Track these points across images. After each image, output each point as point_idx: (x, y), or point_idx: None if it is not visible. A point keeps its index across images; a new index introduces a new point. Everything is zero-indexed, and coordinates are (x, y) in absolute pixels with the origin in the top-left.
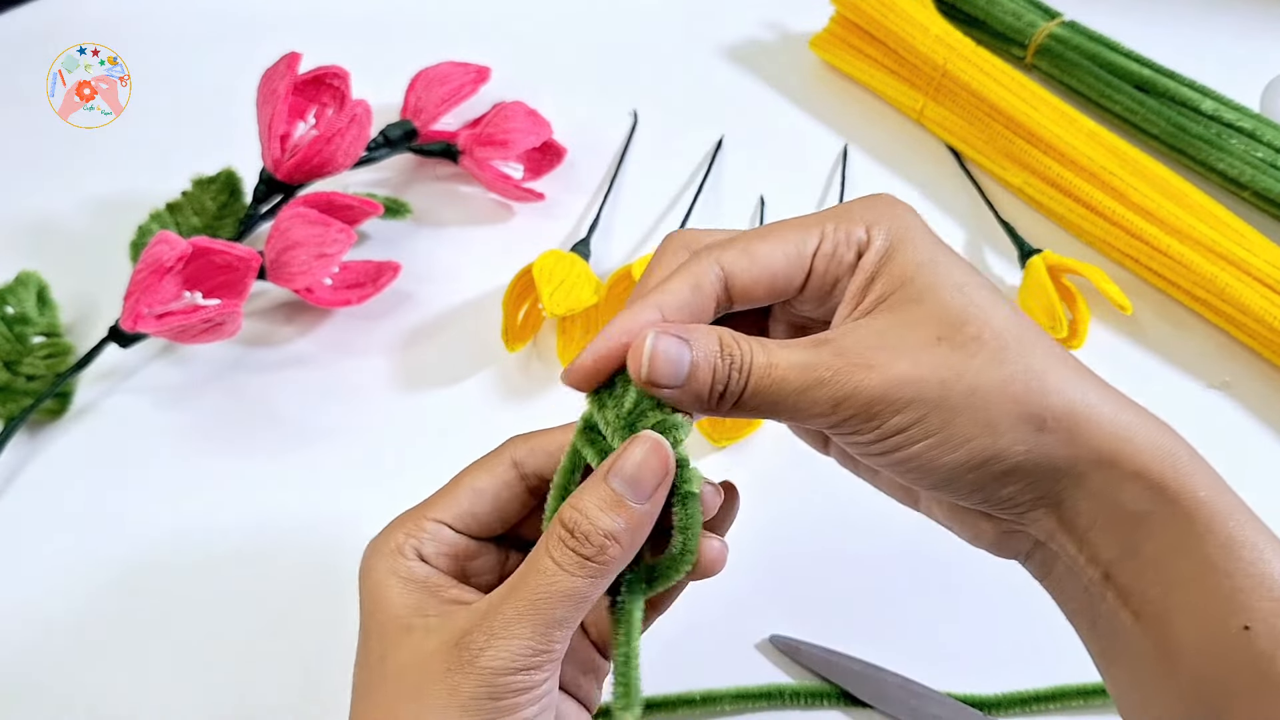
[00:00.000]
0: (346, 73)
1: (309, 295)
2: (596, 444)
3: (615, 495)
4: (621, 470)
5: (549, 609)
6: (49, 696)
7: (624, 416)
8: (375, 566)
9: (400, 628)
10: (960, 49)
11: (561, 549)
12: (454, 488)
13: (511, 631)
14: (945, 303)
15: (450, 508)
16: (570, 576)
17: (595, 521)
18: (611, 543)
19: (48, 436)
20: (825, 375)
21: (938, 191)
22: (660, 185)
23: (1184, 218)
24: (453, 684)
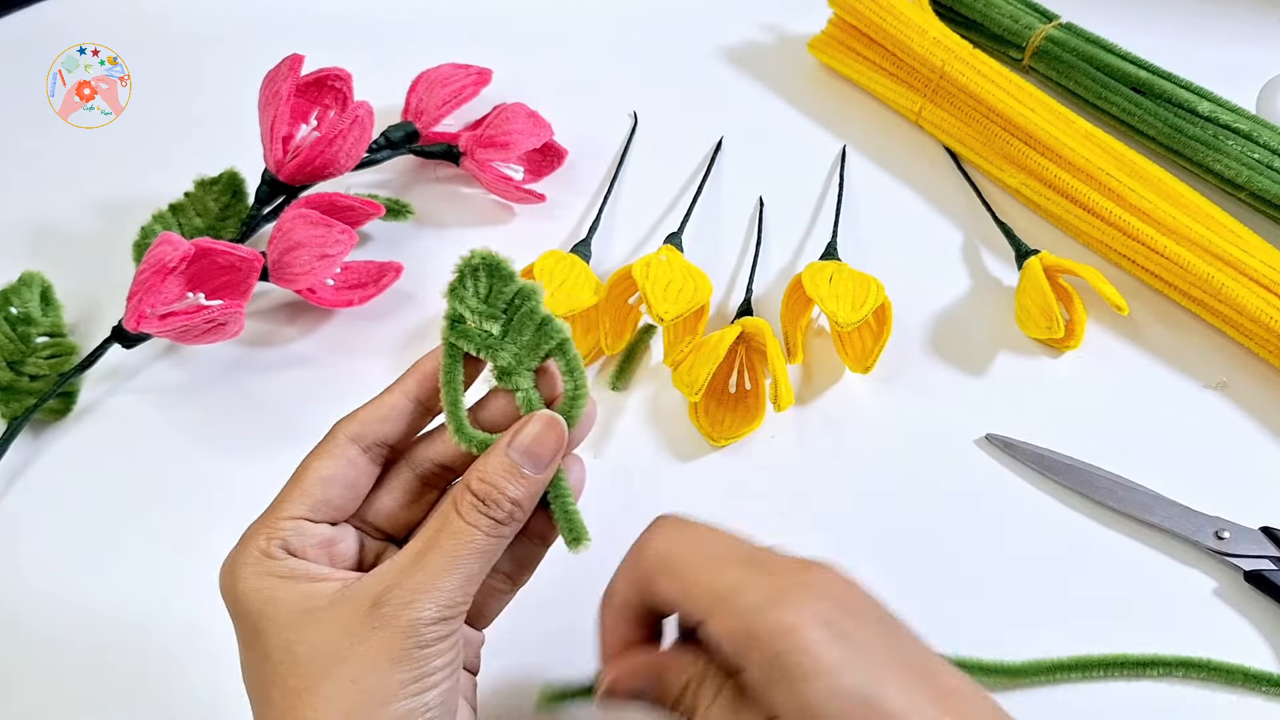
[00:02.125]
0: (348, 75)
1: (311, 296)
2: (469, 333)
3: (515, 465)
4: (520, 444)
5: (467, 564)
6: (47, 698)
7: (484, 299)
8: (244, 575)
9: (297, 616)
10: (957, 51)
11: (473, 512)
12: (299, 481)
13: (435, 585)
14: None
15: (302, 502)
16: (484, 536)
17: (503, 490)
18: (515, 506)
19: (51, 436)
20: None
21: (935, 192)
22: (660, 186)
23: (1181, 219)
24: (381, 640)
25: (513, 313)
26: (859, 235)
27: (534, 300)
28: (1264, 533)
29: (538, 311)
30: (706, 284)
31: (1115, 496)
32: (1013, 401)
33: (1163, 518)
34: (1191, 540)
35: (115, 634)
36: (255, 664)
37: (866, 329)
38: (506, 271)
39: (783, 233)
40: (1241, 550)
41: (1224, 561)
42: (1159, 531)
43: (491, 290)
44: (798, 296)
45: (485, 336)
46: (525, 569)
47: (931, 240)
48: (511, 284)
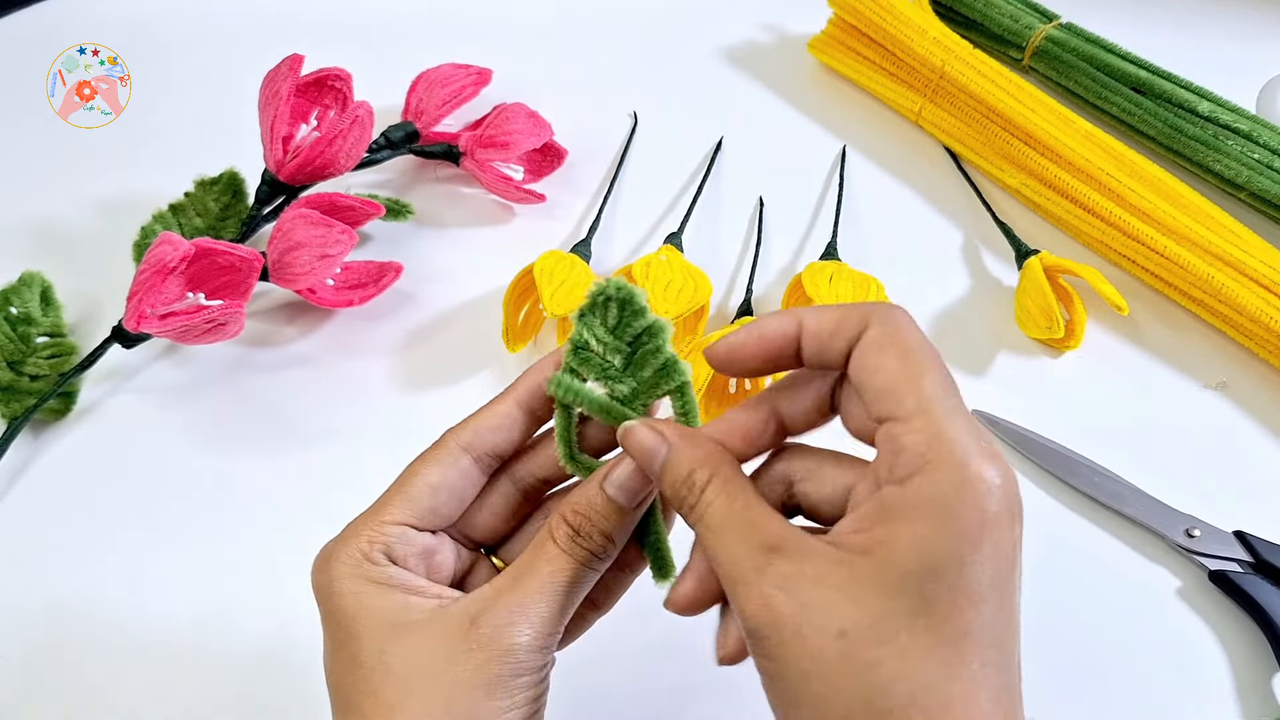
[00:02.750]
0: (348, 75)
1: (311, 296)
2: (590, 361)
3: (610, 499)
4: (615, 479)
5: (561, 592)
6: (49, 698)
7: (612, 330)
8: (341, 574)
9: (391, 627)
10: (958, 51)
11: (569, 543)
12: (406, 486)
13: (531, 610)
14: (886, 610)
15: (410, 507)
16: (578, 565)
17: (597, 523)
18: (608, 540)
19: (51, 436)
20: (739, 581)
21: (935, 192)
22: (660, 186)
23: (1180, 219)
24: (477, 662)
25: (638, 347)
26: (859, 235)
27: (661, 338)
28: (1236, 536)
29: (664, 350)
30: (706, 284)
31: (1092, 484)
32: (1012, 401)
33: (1136, 510)
34: (1162, 535)
35: (115, 634)
36: (344, 666)
37: None
38: (638, 306)
39: (783, 233)
40: (1210, 550)
41: (1191, 559)
42: (1131, 524)
43: (621, 322)
44: (798, 296)
45: (607, 367)
46: (611, 595)
47: (931, 240)
48: (642, 319)
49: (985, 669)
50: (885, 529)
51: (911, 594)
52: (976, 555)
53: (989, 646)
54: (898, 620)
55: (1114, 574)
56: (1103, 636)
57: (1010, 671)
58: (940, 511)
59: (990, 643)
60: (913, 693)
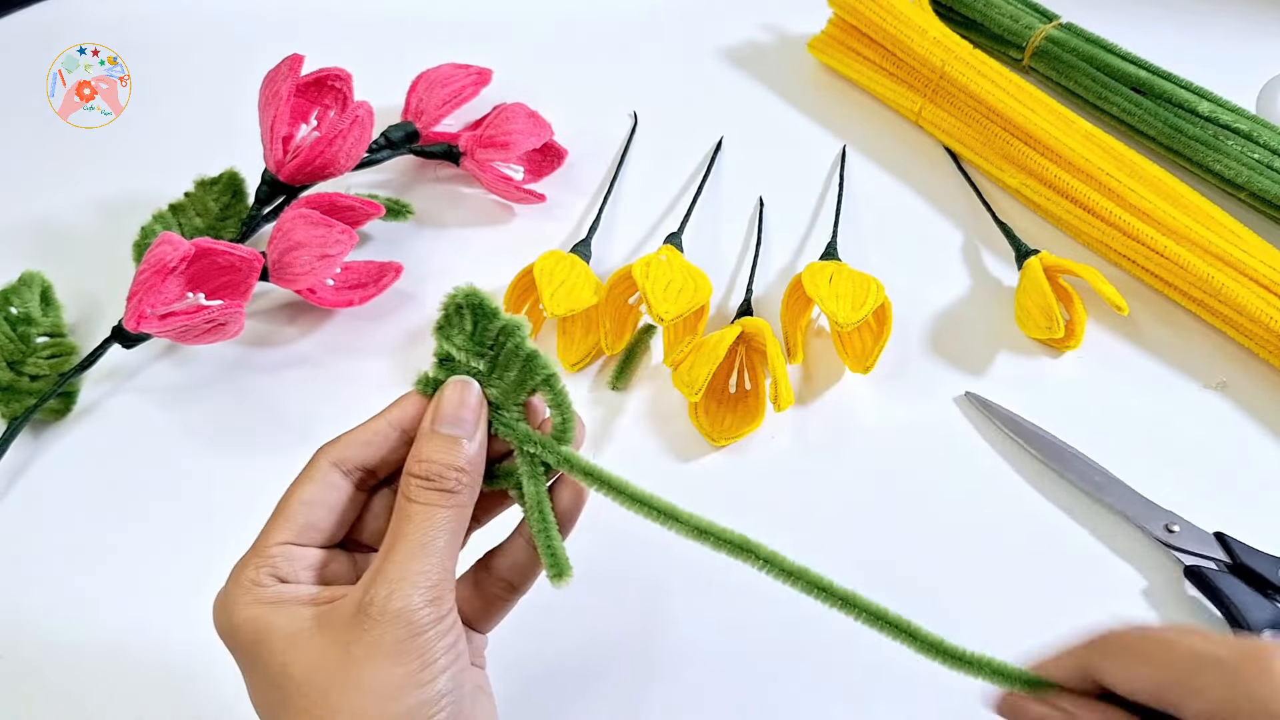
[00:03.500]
0: (348, 75)
1: (311, 296)
2: (457, 370)
3: (446, 437)
4: (442, 416)
5: (432, 542)
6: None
7: (470, 336)
8: (236, 606)
9: (290, 638)
10: (958, 51)
11: (423, 493)
12: (283, 509)
13: (410, 570)
14: None
15: (287, 528)
16: (440, 509)
17: (444, 462)
18: (460, 473)
19: (51, 436)
20: None
21: (935, 192)
22: (660, 186)
23: (1180, 219)
24: (373, 640)
25: (498, 349)
26: (859, 235)
27: (517, 336)
28: (1216, 537)
29: (523, 347)
30: (706, 284)
31: (1077, 472)
32: (1012, 401)
33: (1118, 500)
34: (1141, 528)
35: (115, 634)
36: (261, 691)
37: (866, 329)
38: (490, 309)
39: (783, 233)
40: (1187, 546)
41: (1168, 554)
42: (1112, 513)
43: (477, 327)
44: (798, 296)
45: (473, 373)
46: (527, 577)
47: (931, 240)
48: (495, 321)
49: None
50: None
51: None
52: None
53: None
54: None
55: (1091, 561)
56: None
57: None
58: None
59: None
60: None
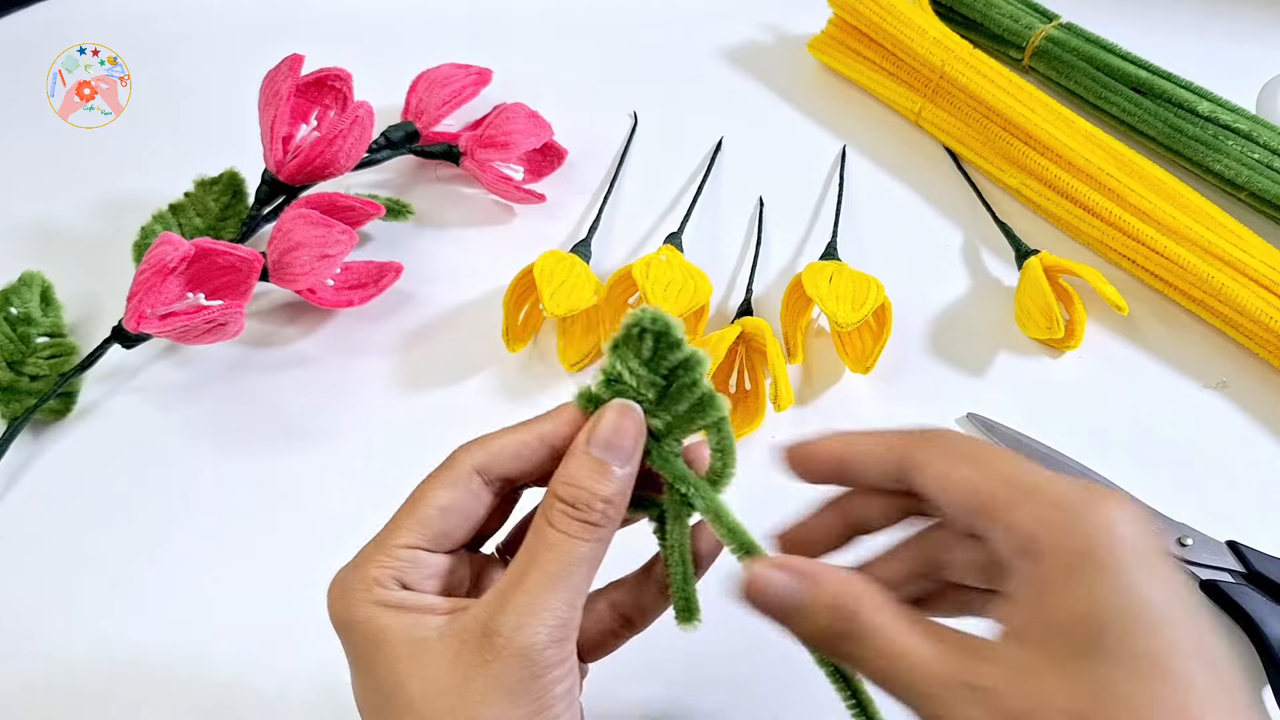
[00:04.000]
0: (349, 75)
1: (311, 296)
2: (624, 394)
3: (599, 462)
4: (598, 439)
5: (569, 576)
6: (49, 698)
7: (646, 362)
8: (355, 603)
9: (408, 649)
10: (958, 51)
11: (565, 520)
12: (416, 508)
13: (541, 605)
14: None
15: (420, 532)
16: (581, 542)
17: (591, 489)
18: (607, 504)
19: (51, 436)
20: (946, 695)
21: (935, 192)
22: (660, 186)
23: (1180, 219)
24: (494, 673)
25: (673, 380)
26: (859, 235)
27: (698, 371)
28: (1229, 546)
29: (700, 384)
30: (706, 284)
31: None
32: (1012, 401)
33: None
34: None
35: (115, 634)
36: (369, 692)
37: (866, 329)
38: (675, 339)
39: (783, 233)
40: (1202, 559)
41: (1183, 569)
42: None
43: (656, 354)
44: (798, 296)
45: (641, 400)
46: (648, 613)
47: (931, 240)
48: (678, 352)
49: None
50: (1060, 599)
51: (1117, 652)
52: (1163, 591)
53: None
54: (1114, 683)
55: None
56: None
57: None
58: (1103, 556)
59: (1192, 654)
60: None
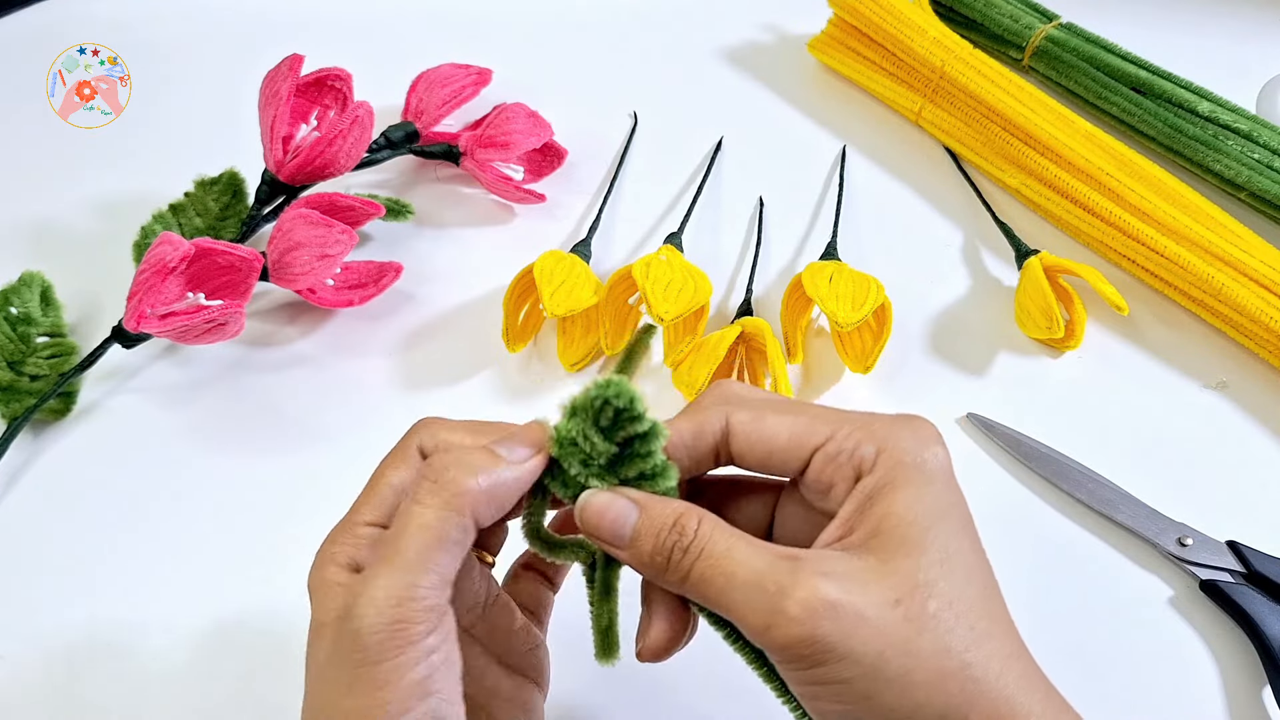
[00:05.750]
0: (348, 75)
1: (311, 296)
2: (575, 455)
3: (492, 455)
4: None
5: (412, 550)
6: (49, 698)
7: (602, 430)
8: (313, 575)
9: (317, 625)
10: (957, 51)
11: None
12: (375, 487)
13: (375, 583)
14: (920, 568)
15: (377, 508)
16: (425, 509)
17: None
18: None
19: (51, 436)
20: (771, 589)
21: (935, 192)
22: (660, 187)
23: (1181, 219)
24: (338, 655)
25: (629, 448)
26: (859, 235)
27: (655, 444)
28: (1229, 546)
29: (654, 455)
30: (706, 284)
31: (1084, 489)
32: (1012, 401)
33: (1128, 517)
34: (1154, 543)
35: (115, 634)
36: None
37: (866, 329)
38: (637, 413)
39: (783, 233)
40: (1202, 559)
41: (1182, 568)
42: (1123, 531)
43: (616, 425)
44: (798, 296)
45: (590, 463)
46: (560, 572)
47: (931, 240)
48: (638, 425)
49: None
50: (879, 508)
51: (931, 548)
52: (956, 498)
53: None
54: (930, 573)
55: (1104, 582)
56: (1091, 646)
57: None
58: (916, 471)
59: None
60: (974, 628)
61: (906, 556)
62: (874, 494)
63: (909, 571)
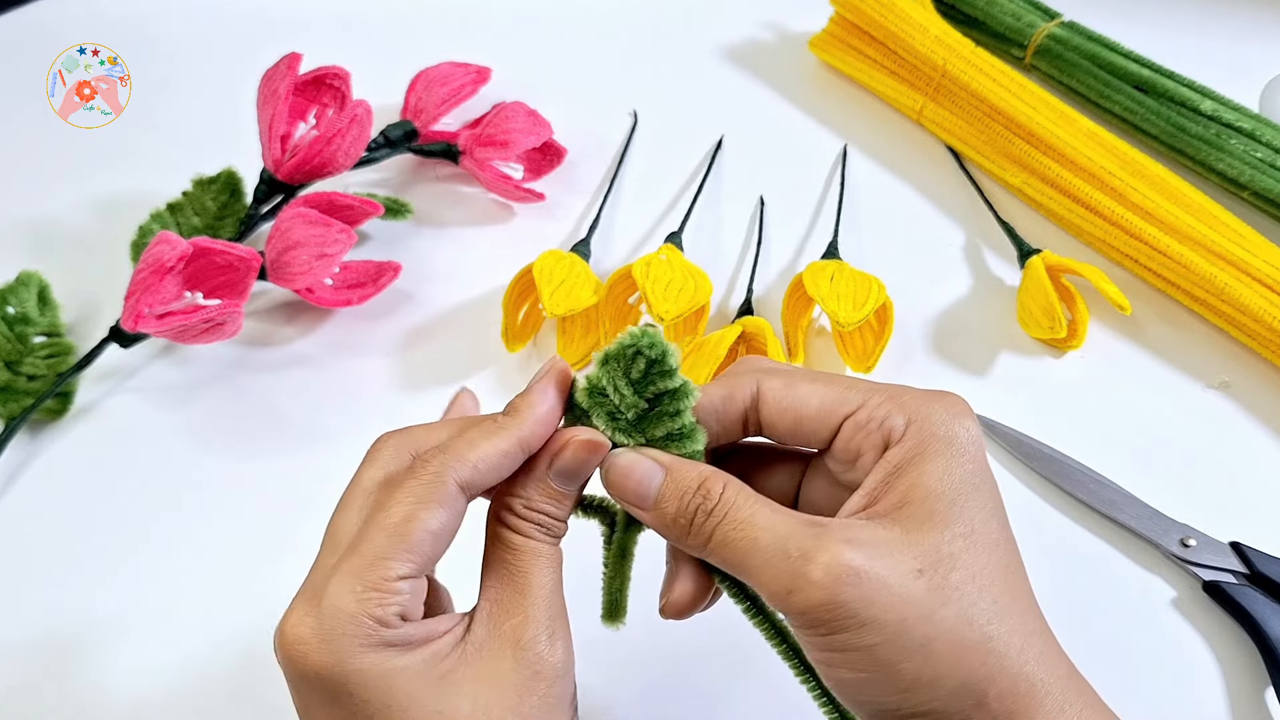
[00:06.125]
0: (347, 73)
1: (310, 295)
2: (603, 406)
3: (557, 492)
4: (561, 468)
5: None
6: (48, 697)
7: (633, 383)
8: (352, 650)
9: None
10: (959, 49)
11: (543, 536)
12: (405, 535)
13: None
14: (945, 540)
15: (412, 560)
16: (550, 548)
17: (551, 514)
18: (559, 523)
19: (49, 436)
20: (794, 554)
21: (937, 192)
22: (660, 185)
23: (1183, 218)
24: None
25: (657, 405)
26: (860, 235)
27: (685, 403)
28: (1232, 547)
29: (683, 415)
30: (707, 284)
31: (1086, 490)
32: (1014, 401)
33: (1130, 518)
34: (1157, 544)
35: (113, 634)
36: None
37: (868, 329)
38: (668, 367)
39: (783, 232)
40: (1205, 560)
41: (1185, 569)
42: (1126, 532)
43: (646, 377)
44: (799, 296)
45: (618, 418)
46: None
47: (933, 240)
48: (669, 380)
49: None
50: (907, 479)
51: (957, 521)
52: (985, 474)
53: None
54: (954, 545)
55: (1108, 583)
56: (1093, 647)
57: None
58: (946, 444)
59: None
60: (996, 602)
61: (932, 528)
62: (902, 465)
63: (934, 543)
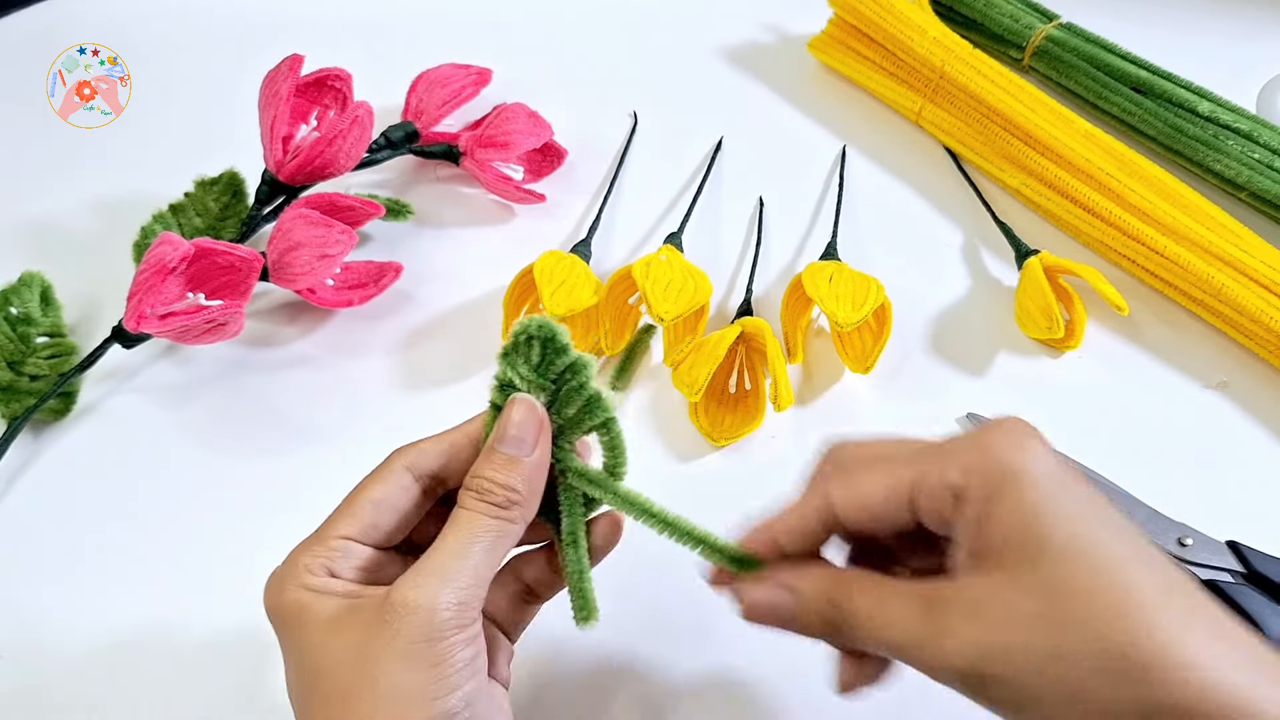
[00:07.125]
0: (348, 75)
1: (311, 296)
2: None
3: (508, 458)
4: (504, 436)
5: (469, 546)
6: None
7: (535, 368)
8: (285, 590)
9: (325, 627)
10: (958, 51)
11: (471, 501)
12: (351, 503)
13: (444, 569)
14: (1050, 565)
15: (352, 523)
16: (483, 518)
17: (497, 480)
18: (512, 491)
19: (51, 436)
20: (927, 646)
21: (935, 192)
22: (660, 186)
23: (1181, 219)
24: (390, 634)
25: (562, 384)
26: (859, 235)
27: (584, 375)
28: (1229, 546)
29: (587, 387)
30: (706, 284)
31: None
32: (1012, 401)
33: (1129, 517)
34: (1154, 543)
35: (114, 634)
36: (292, 674)
37: (866, 329)
38: (561, 344)
39: (783, 233)
40: (1202, 560)
41: (1182, 569)
42: None
43: (544, 360)
44: (798, 296)
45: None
46: (550, 588)
47: (932, 240)
48: (564, 356)
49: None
50: (990, 525)
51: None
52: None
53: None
54: (1057, 570)
55: None
56: None
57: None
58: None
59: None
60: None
61: (1033, 561)
62: (980, 515)
63: (1042, 575)
